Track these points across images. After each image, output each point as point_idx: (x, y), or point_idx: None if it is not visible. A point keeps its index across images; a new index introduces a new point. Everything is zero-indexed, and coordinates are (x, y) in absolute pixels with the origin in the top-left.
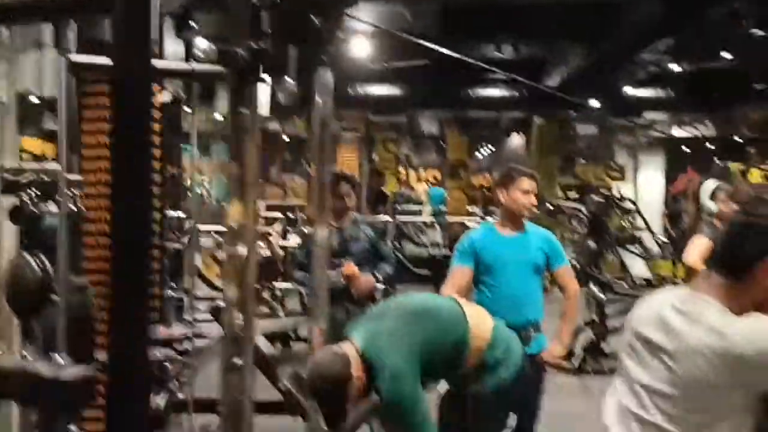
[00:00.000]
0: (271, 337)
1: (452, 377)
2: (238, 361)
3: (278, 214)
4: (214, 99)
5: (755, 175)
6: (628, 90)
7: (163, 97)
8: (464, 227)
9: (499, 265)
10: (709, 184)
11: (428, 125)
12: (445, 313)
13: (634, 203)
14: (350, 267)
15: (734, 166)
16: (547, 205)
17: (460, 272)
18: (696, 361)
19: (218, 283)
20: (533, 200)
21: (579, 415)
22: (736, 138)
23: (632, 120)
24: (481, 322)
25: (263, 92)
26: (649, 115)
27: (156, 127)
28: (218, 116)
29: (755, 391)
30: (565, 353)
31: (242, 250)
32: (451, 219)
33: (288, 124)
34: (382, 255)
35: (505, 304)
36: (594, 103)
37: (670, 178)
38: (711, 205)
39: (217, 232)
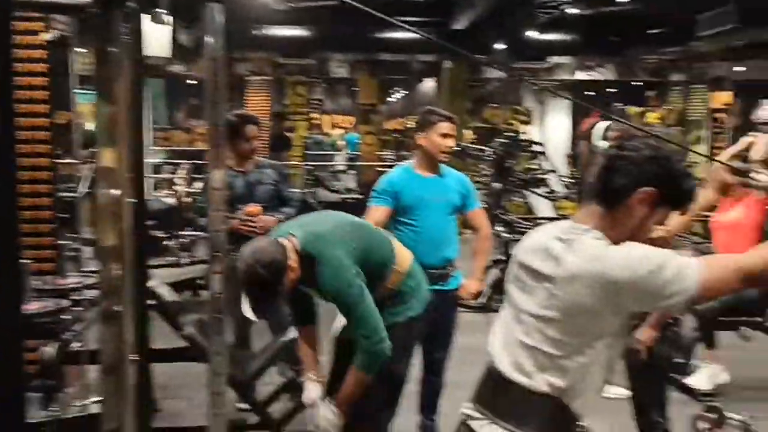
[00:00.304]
0: (177, 286)
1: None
2: (116, 308)
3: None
4: None
5: (652, 118)
6: (532, 34)
7: (46, 35)
8: (377, 172)
9: (420, 205)
10: (601, 125)
11: (339, 69)
12: (376, 231)
13: (541, 146)
14: (254, 208)
15: (632, 110)
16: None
17: (377, 211)
18: (575, 286)
19: None
20: (451, 143)
21: (481, 349)
22: (635, 82)
23: (537, 64)
24: (402, 252)
25: (163, 33)
26: (553, 60)
27: (40, 68)
28: None
29: (628, 314)
30: (480, 289)
31: (115, 194)
32: (363, 164)
33: (193, 66)
34: (286, 198)
35: (426, 243)
36: (500, 46)
37: (575, 122)
38: (601, 144)
39: None
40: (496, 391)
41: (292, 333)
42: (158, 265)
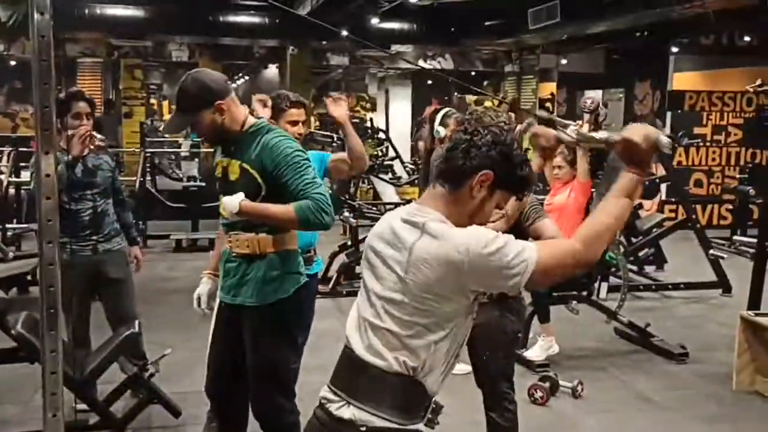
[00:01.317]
0: (2, 283)
1: None
2: None
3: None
4: None
5: (487, 106)
6: (376, 22)
7: None
8: None
9: None
10: (441, 112)
11: (178, 52)
12: None
13: (385, 133)
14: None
15: (470, 99)
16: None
17: None
18: (421, 268)
19: None
20: (301, 129)
21: (334, 333)
22: (472, 72)
23: (381, 52)
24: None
25: None
26: (396, 48)
27: None
28: None
29: (472, 294)
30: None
31: None
32: (206, 150)
33: (15, 45)
34: (118, 189)
35: None
36: (344, 32)
37: (416, 109)
38: (441, 130)
39: None
40: (351, 373)
41: (134, 327)
42: None
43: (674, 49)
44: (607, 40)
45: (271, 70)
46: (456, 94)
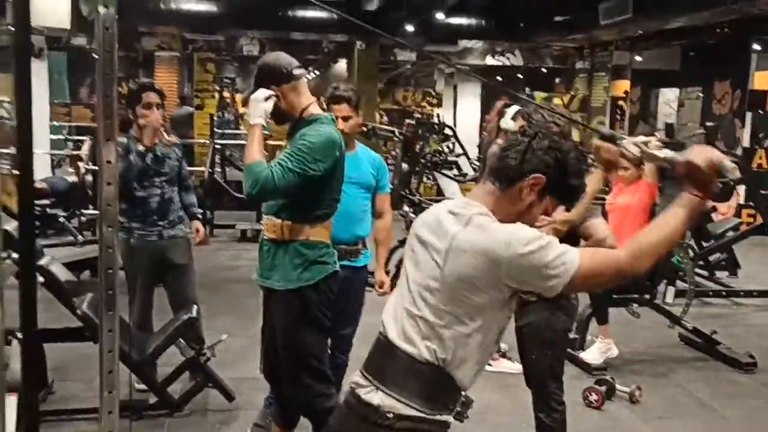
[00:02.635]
0: (74, 265)
1: None
2: None
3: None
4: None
5: (556, 104)
6: (442, 17)
7: None
8: None
9: None
10: (513, 108)
11: (249, 46)
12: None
13: (452, 129)
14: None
15: (540, 96)
16: (363, 127)
17: None
18: (459, 258)
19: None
20: (342, 125)
21: None
22: (543, 68)
23: (448, 47)
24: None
25: (61, 3)
26: (464, 44)
27: None
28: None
29: (510, 291)
30: (385, 280)
31: None
32: (273, 143)
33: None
34: (184, 176)
35: (339, 218)
36: (409, 28)
37: (486, 106)
38: (511, 123)
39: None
40: (382, 359)
41: (193, 312)
42: (55, 244)
43: (756, 47)
44: (683, 36)
45: (341, 65)
46: (526, 89)
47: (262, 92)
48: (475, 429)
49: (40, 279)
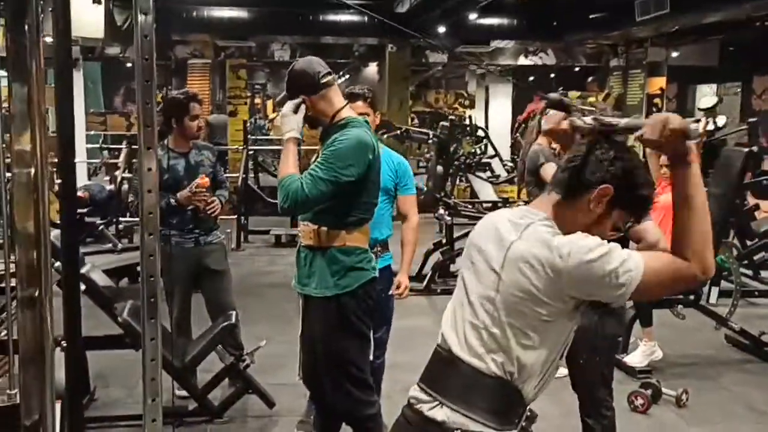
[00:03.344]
0: (114, 272)
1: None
2: (34, 293)
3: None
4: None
5: (591, 102)
6: (474, 18)
7: None
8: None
9: None
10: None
11: (281, 52)
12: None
13: (485, 131)
14: (203, 180)
15: (573, 95)
16: (396, 131)
17: None
18: (520, 268)
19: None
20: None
21: (426, 331)
22: (576, 68)
23: (480, 48)
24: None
25: (96, 13)
26: (496, 44)
27: None
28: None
29: (574, 302)
30: (407, 284)
31: (28, 176)
32: (306, 148)
33: (131, 48)
34: (220, 181)
35: None
36: (441, 29)
37: (518, 107)
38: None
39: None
40: (445, 373)
41: (232, 318)
42: (94, 251)
43: None
44: (722, 31)
45: (372, 68)
46: (560, 89)
47: (291, 104)
48: None
49: (82, 287)
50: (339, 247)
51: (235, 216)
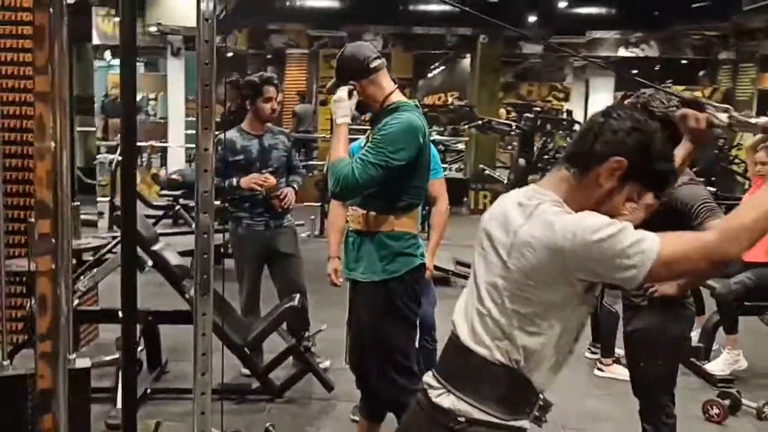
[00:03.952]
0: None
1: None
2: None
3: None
4: (146, 9)
5: (697, 97)
6: (564, 6)
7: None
8: None
9: None
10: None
11: (373, 42)
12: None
13: (580, 124)
14: (272, 180)
15: (678, 89)
16: (478, 121)
17: None
18: (524, 252)
19: (154, 201)
20: None
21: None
22: (683, 60)
23: (575, 39)
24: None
25: (192, 3)
26: (593, 35)
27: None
28: (153, 29)
29: (582, 286)
30: (430, 267)
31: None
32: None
33: (229, 39)
34: (294, 166)
35: None
36: (533, 19)
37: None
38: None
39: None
40: (454, 361)
41: (294, 301)
42: (178, 232)
43: None
44: None
45: (468, 60)
46: (669, 81)
47: (344, 90)
48: None
49: (150, 263)
50: (387, 232)
51: (319, 203)
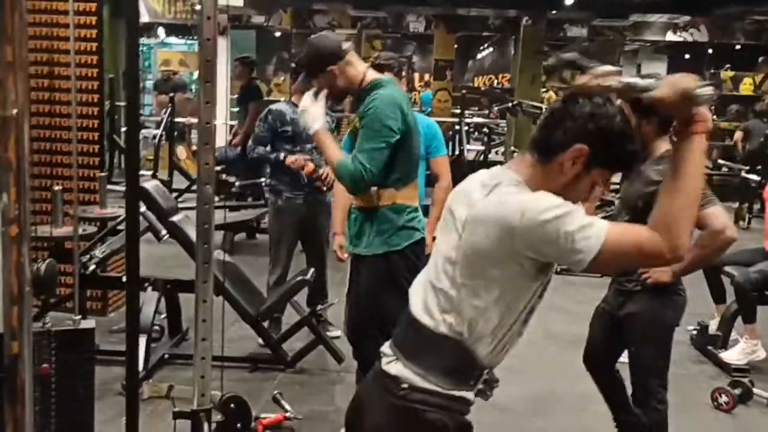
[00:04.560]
0: (230, 227)
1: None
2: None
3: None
4: None
5: (747, 84)
6: None
7: None
8: (447, 129)
9: None
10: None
11: (416, 24)
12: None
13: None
14: (309, 167)
15: (725, 75)
16: (508, 103)
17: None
18: (477, 228)
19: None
20: None
21: None
22: (737, 45)
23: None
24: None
25: None
26: (635, 18)
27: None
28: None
29: (528, 262)
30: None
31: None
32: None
33: (274, 17)
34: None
35: None
36: (568, 1)
37: None
38: None
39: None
40: (406, 332)
41: (308, 274)
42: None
43: None
44: None
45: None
46: (711, 69)
47: (306, 98)
48: (578, 417)
49: (164, 232)
50: (389, 205)
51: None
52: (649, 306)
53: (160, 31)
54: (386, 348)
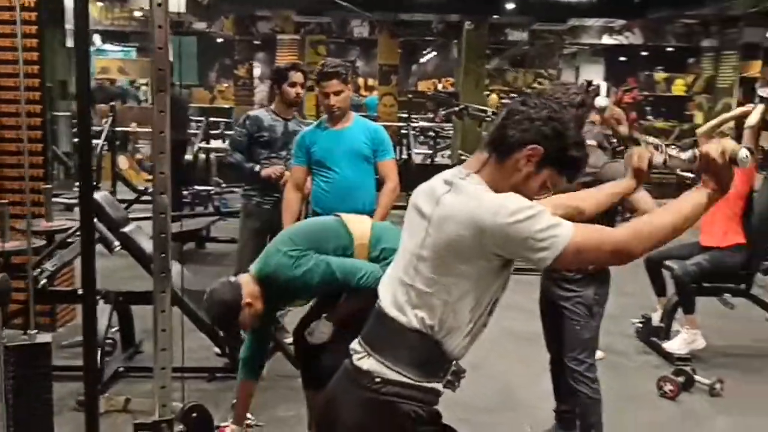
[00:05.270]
0: (179, 237)
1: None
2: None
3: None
4: None
5: (679, 85)
6: None
7: None
8: (393, 134)
9: (328, 157)
10: (605, 84)
11: (360, 28)
12: (325, 226)
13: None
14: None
15: (659, 76)
16: (454, 107)
17: (295, 171)
18: (448, 226)
19: (139, 186)
20: (343, 97)
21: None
22: (668, 47)
23: (559, 26)
24: (359, 226)
25: None
26: (573, 22)
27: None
28: (137, 13)
29: (499, 261)
30: None
31: None
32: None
33: (216, 24)
34: None
35: (336, 194)
36: (514, 6)
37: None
38: (603, 101)
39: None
40: (376, 327)
41: None
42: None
43: None
44: None
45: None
46: (646, 71)
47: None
48: (535, 414)
49: (117, 244)
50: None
51: None
52: (591, 289)
53: (96, 38)
54: (355, 345)
